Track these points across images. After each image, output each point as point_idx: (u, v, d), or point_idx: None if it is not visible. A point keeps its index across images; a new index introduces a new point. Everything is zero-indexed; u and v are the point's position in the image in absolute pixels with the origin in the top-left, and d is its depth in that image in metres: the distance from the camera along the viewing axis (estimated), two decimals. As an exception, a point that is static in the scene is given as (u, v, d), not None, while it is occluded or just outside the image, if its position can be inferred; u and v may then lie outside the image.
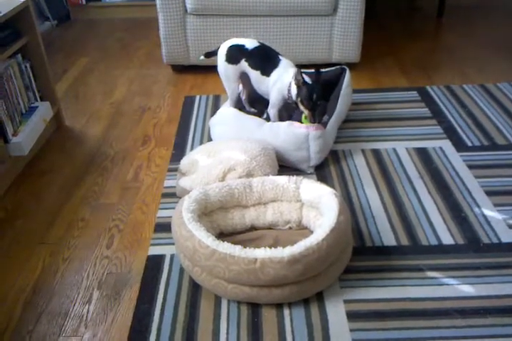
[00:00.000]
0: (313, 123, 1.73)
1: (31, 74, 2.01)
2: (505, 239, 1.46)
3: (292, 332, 1.21)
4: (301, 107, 1.74)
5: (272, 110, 1.90)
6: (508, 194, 1.64)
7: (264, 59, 1.85)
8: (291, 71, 1.79)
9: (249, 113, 1.98)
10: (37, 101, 2.07)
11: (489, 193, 1.65)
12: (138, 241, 1.53)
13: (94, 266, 1.44)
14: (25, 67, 1.97)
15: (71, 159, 1.96)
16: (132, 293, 1.35)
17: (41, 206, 1.71)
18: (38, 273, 1.43)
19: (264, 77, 1.84)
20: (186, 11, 2.41)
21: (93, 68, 2.76)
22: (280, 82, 1.81)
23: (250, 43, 1.89)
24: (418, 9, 3.52)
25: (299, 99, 1.73)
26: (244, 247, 1.23)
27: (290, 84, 1.77)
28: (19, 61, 1.94)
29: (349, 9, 2.38)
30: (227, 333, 1.22)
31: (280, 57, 1.86)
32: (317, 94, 1.69)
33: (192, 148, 1.95)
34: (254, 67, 1.86)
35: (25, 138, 1.86)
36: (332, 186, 1.69)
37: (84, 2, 3.43)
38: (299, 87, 1.72)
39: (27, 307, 1.33)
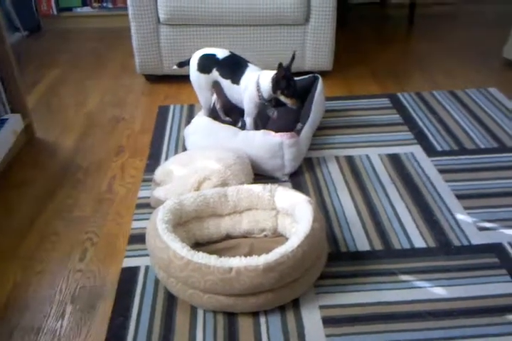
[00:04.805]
0: (296, 105, 1.81)
1: (1, 86, 1.98)
2: (475, 241, 1.49)
3: (269, 339, 1.21)
4: (282, 98, 1.79)
5: (248, 118, 1.91)
6: (478, 197, 1.68)
7: (234, 68, 1.86)
8: (256, 74, 1.81)
9: (224, 122, 1.98)
10: (7, 113, 2.04)
11: (459, 197, 1.68)
12: (112, 253, 1.51)
13: (67, 280, 1.42)
14: (-5, 79, 1.95)
15: (43, 171, 1.93)
16: (106, 306, 1.33)
17: (13, 220, 1.67)
18: (9, 287, 1.40)
19: (235, 85, 1.86)
20: (159, 20, 2.42)
21: (65, 79, 2.73)
22: (249, 90, 1.82)
23: (221, 53, 1.90)
24: (389, 18, 3.60)
25: (279, 92, 1.77)
26: (220, 256, 1.23)
27: (258, 83, 1.79)
28: (-12, 73, 1.91)
29: (321, 19, 2.42)
30: (204, 343, 1.21)
31: (248, 64, 1.88)
32: (293, 81, 1.78)
33: (167, 158, 1.94)
34: (224, 76, 1.87)
35: (-5, 151, 1.83)
36: (307, 193, 1.71)
37: (55, 12, 3.40)
38: (277, 82, 1.75)
39: (-2, 323, 1.30)
